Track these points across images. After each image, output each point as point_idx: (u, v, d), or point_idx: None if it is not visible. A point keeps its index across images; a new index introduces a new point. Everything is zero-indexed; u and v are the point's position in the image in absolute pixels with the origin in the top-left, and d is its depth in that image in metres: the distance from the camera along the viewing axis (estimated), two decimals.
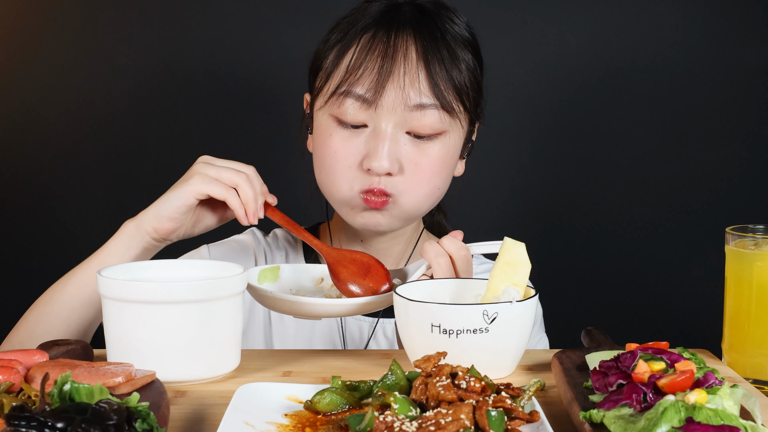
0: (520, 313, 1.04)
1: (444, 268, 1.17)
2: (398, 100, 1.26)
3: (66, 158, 2.20)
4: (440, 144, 1.31)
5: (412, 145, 1.29)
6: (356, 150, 1.30)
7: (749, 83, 2.16)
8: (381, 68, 1.26)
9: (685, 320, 2.19)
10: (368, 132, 1.29)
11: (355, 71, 1.28)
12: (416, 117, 1.27)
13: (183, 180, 1.24)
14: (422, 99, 1.27)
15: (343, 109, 1.29)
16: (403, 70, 1.26)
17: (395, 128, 1.28)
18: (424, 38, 1.28)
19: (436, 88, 1.27)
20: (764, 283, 1.14)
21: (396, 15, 1.31)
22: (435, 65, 1.27)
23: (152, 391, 0.93)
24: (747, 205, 2.18)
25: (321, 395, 0.93)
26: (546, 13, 2.17)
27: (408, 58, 1.27)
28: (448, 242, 1.18)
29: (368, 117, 1.28)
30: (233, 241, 1.50)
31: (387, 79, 1.26)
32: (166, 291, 1.02)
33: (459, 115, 1.31)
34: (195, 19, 2.18)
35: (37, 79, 2.19)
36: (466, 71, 1.31)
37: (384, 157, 1.27)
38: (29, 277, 2.23)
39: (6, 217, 2.22)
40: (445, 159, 1.32)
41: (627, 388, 0.86)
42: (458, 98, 1.30)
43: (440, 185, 1.34)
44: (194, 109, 2.19)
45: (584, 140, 2.20)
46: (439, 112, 1.28)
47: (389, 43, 1.27)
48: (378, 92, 1.26)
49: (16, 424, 0.73)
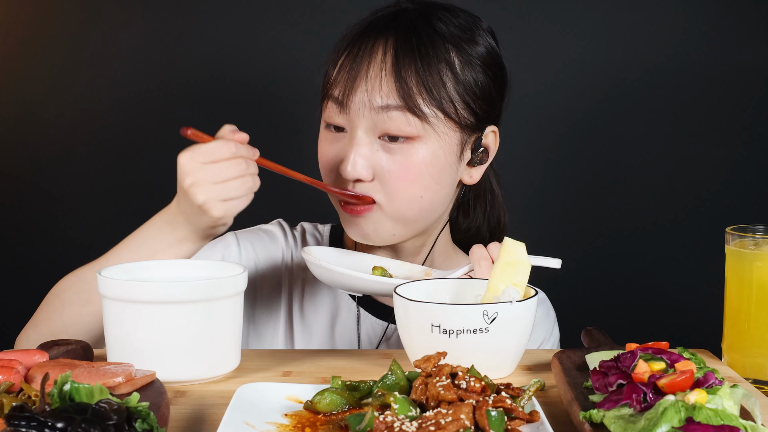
0: (520, 313, 1.04)
1: (484, 270, 1.21)
2: (364, 102, 1.26)
3: (66, 158, 2.20)
4: (413, 150, 1.27)
5: (384, 152, 1.27)
6: (336, 155, 1.30)
7: (750, 83, 2.16)
8: (350, 71, 1.27)
9: (685, 320, 2.18)
10: (346, 136, 1.30)
11: (336, 75, 1.29)
12: (383, 119, 1.25)
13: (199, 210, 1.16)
14: (386, 100, 1.25)
15: (327, 113, 1.31)
16: (368, 72, 1.26)
17: (367, 133, 1.27)
18: (399, 41, 1.26)
19: (402, 89, 1.24)
20: (764, 283, 1.14)
21: (387, 21, 1.30)
22: (405, 67, 1.25)
23: (152, 391, 0.93)
24: (747, 205, 2.18)
25: (321, 395, 0.93)
26: (550, 18, 2.17)
27: (375, 59, 1.26)
28: (494, 248, 1.23)
29: (344, 120, 1.29)
30: (259, 230, 1.48)
31: (353, 82, 1.26)
32: (166, 291, 1.02)
33: (434, 120, 1.27)
34: (196, 19, 2.18)
35: (37, 79, 2.19)
36: (452, 78, 1.27)
37: (352, 162, 1.26)
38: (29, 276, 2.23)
39: (6, 216, 2.22)
40: (420, 166, 1.27)
41: (627, 388, 0.86)
42: (434, 103, 1.26)
43: (422, 193, 1.29)
44: (195, 109, 2.19)
45: (584, 141, 2.20)
46: (406, 115, 1.25)
47: (364, 46, 1.27)
48: (347, 95, 1.26)
49: (16, 424, 0.73)
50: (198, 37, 2.17)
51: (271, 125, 2.16)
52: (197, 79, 2.18)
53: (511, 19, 2.17)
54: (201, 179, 1.15)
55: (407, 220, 1.32)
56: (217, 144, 1.17)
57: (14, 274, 2.23)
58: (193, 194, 1.15)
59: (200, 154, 1.16)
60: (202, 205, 1.15)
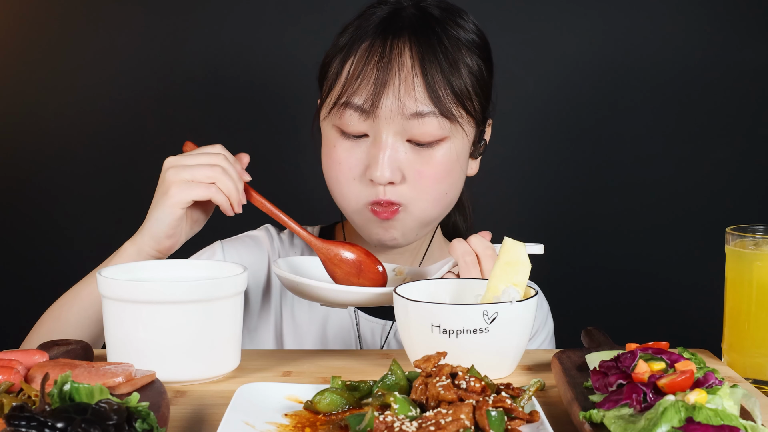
0: (520, 313, 1.04)
1: (470, 266, 1.19)
2: (395, 110, 1.25)
3: (66, 158, 2.20)
4: (442, 150, 1.29)
5: (414, 153, 1.28)
6: (358, 160, 1.29)
7: (750, 83, 2.16)
8: (377, 78, 1.26)
9: (685, 320, 2.18)
10: (369, 142, 1.29)
11: (353, 82, 1.27)
12: (415, 125, 1.26)
13: (161, 193, 1.23)
14: (419, 107, 1.26)
15: (344, 120, 1.29)
16: (399, 78, 1.25)
17: (395, 137, 1.27)
18: (421, 44, 1.27)
19: (433, 95, 1.26)
20: (764, 283, 1.14)
21: (395, 21, 1.30)
22: (432, 72, 1.26)
23: (152, 391, 0.93)
24: (747, 205, 2.18)
25: (321, 395, 0.93)
26: (548, 15, 2.17)
27: (403, 66, 1.26)
28: (475, 241, 1.21)
29: (368, 127, 1.28)
30: (247, 237, 1.49)
31: (383, 89, 1.25)
32: (166, 291, 1.02)
33: (460, 120, 1.29)
34: (197, 19, 2.18)
35: (37, 79, 2.19)
36: (468, 75, 1.30)
37: (385, 166, 1.26)
38: (29, 276, 2.23)
39: (6, 217, 2.22)
40: (449, 164, 1.30)
41: (627, 388, 0.86)
42: (459, 103, 1.28)
43: (447, 190, 1.32)
44: (195, 109, 2.19)
45: (584, 141, 2.20)
46: (438, 119, 1.27)
47: (385, 51, 1.27)
48: (375, 102, 1.25)
49: (16, 424, 0.73)
50: (199, 38, 2.17)
51: (271, 125, 2.16)
52: (198, 79, 2.18)
53: (511, 19, 2.17)
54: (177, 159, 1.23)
55: (431, 220, 1.34)
56: (207, 146, 1.23)
57: (14, 275, 2.23)
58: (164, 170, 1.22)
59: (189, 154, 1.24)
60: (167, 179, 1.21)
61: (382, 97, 1.25)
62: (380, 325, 1.43)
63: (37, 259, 2.22)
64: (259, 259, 1.46)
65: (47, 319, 1.29)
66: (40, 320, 1.31)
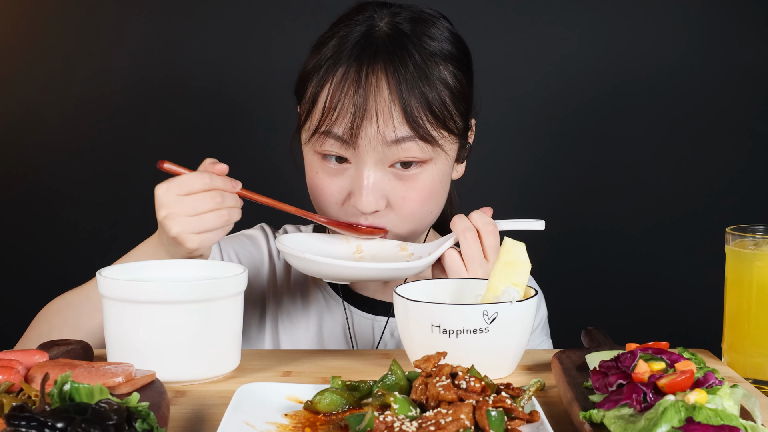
0: (520, 313, 1.04)
1: (471, 242, 1.19)
2: (375, 138, 1.24)
3: (66, 158, 2.20)
4: (425, 173, 1.28)
5: (397, 180, 1.28)
6: (341, 188, 1.29)
7: (749, 83, 2.16)
8: (354, 109, 1.24)
9: (685, 320, 2.18)
10: (352, 169, 1.28)
11: (331, 112, 1.26)
12: (396, 151, 1.25)
13: (176, 242, 1.18)
14: (398, 133, 1.25)
15: (326, 148, 1.28)
16: (376, 108, 1.24)
17: (377, 164, 1.27)
18: (397, 70, 1.25)
19: (412, 122, 1.24)
20: (764, 283, 1.14)
21: (368, 45, 1.27)
22: (409, 99, 1.24)
23: (152, 391, 0.93)
24: (747, 205, 2.18)
25: (321, 395, 0.93)
26: (548, 15, 2.17)
27: (380, 95, 1.24)
28: (477, 216, 1.21)
29: (350, 155, 1.27)
30: (242, 235, 1.49)
31: (361, 121, 1.24)
32: (166, 291, 1.02)
33: (441, 141, 1.28)
34: (195, 21, 2.18)
35: (37, 79, 2.19)
36: (445, 91, 1.28)
37: (369, 195, 1.26)
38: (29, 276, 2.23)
39: (6, 216, 2.22)
40: (432, 186, 1.30)
41: (627, 388, 0.86)
42: (439, 125, 1.27)
43: (432, 209, 1.32)
44: (194, 109, 2.19)
45: (584, 141, 2.20)
46: (418, 143, 1.25)
47: (360, 79, 1.25)
48: (355, 133, 1.24)
49: (16, 424, 0.73)
50: (198, 38, 2.17)
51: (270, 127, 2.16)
52: (197, 79, 2.18)
53: (511, 19, 2.17)
54: (175, 212, 1.17)
55: (415, 233, 1.34)
56: (192, 176, 1.18)
57: (14, 275, 2.23)
58: (167, 226, 1.17)
59: (176, 186, 1.18)
60: (176, 236, 1.17)
61: (361, 128, 1.24)
62: (375, 321, 1.43)
63: (38, 259, 2.22)
64: (257, 259, 1.46)
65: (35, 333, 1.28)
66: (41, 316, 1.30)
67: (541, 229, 1.24)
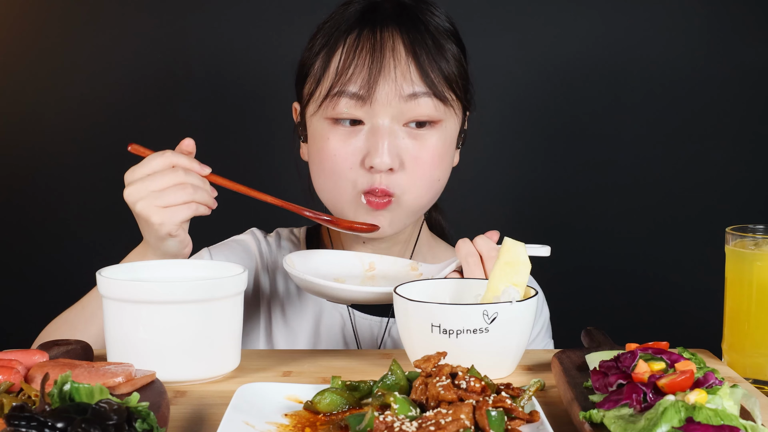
0: (520, 313, 1.04)
1: (473, 267, 1.20)
2: (392, 93, 1.27)
3: (66, 158, 2.20)
4: (438, 134, 1.31)
5: (411, 138, 1.30)
6: (355, 149, 1.30)
7: (750, 84, 2.16)
8: (371, 64, 1.27)
9: (685, 320, 2.18)
10: (366, 129, 1.29)
11: (345, 71, 1.28)
12: (411, 107, 1.28)
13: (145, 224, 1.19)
14: (415, 88, 1.28)
15: (338, 110, 1.29)
16: (393, 63, 1.28)
17: (392, 122, 1.29)
18: (409, 31, 1.30)
19: (426, 77, 1.29)
20: (764, 283, 1.14)
21: (377, 13, 1.32)
22: (423, 56, 1.29)
23: (152, 391, 0.93)
24: (747, 205, 2.18)
25: (321, 395, 0.93)
26: (546, 13, 2.17)
27: (396, 51, 1.28)
28: (481, 242, 1.22)
29: (364, 114, 1.29)
30: (233, 241, 1.49)
31: (379, 74, 1.27)
32: (166, 291, 1.02)
33: (452, 103, 1.32)
34: (195, 20, 2.18)
35: (37, 79, 2.19)
36: (453, 60, 1.33)
37: (385, 153, 1.27)
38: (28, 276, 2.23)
39: (6, 216, 2.22)
40: (443, 149, 1.33)
41: (627, 388, 0.86)
42: (449, 87, 1.32)
43: (440, 177, 1.34)
44: (194, 108, 2.19)
45: (584, 140, 2.20)
46: (433, 100, 1.29)
47: (376, 39, 1.29)
48: (372, 88, 1.27)
49: (16, 424, 0.73)
50: (198, 38, 2.17)
51: (270, 127, 2.16)
52: (197, 78, 2.18)
53: (511, 19, 2.17)
54: (139, 189, 1.19)
55: (420, 208, 1.35)
56: (154, 155, 1.21)
57: (15, 274, 2.23)
58: (132, 203, 1.19)
59: (140, 167, 1.21)
60: (141, 212, 1.18)
61: (379, 82, 1.27)
62: (377, 322, 1.43)
63: (38, 259, 2.22)
64: (249, 264, 1.46)
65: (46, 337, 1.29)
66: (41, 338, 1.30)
67: (546, 255, 1.25)
